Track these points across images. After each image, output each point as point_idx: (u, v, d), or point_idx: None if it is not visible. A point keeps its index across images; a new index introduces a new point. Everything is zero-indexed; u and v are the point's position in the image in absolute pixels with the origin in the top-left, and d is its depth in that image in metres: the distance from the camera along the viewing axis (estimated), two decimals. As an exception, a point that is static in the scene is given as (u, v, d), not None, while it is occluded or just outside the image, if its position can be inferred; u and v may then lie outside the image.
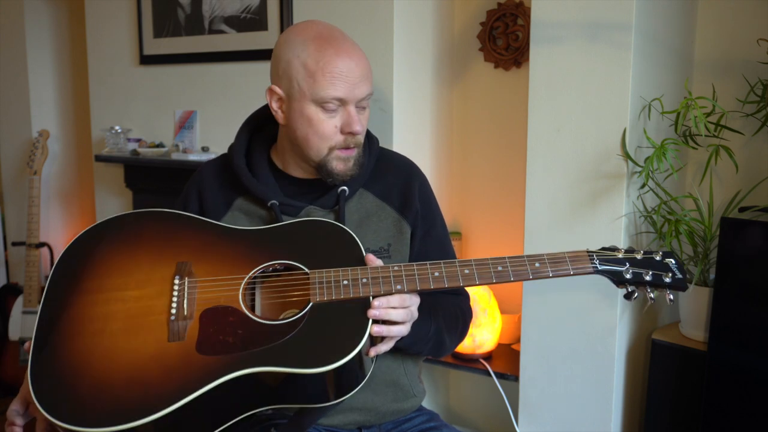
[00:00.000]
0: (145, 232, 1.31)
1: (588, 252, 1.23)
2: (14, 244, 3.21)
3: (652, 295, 1.20)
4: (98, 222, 1.33)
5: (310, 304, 1.18)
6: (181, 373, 1.10)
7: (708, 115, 1.82)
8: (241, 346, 1.13)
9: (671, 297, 1.20)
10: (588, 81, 1.76)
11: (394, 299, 1.19)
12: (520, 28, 2.23)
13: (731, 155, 1.80)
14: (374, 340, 1.21)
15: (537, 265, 1.21)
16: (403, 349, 1.34)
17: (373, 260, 1.25)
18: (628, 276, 1.20)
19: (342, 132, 1.34)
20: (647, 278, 1.19)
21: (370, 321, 1.16)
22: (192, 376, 1.09)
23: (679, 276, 1.20)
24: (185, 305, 1.19)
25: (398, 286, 1.20)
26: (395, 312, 1.19)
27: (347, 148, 1.35)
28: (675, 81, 1.95)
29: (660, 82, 1.87)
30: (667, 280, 1.19)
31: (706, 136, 1.80)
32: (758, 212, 1.79)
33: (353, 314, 1.17)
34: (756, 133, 1.92)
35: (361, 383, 1.18)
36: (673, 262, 1.21)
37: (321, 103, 1.31)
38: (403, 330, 1.21)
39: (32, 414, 1.19)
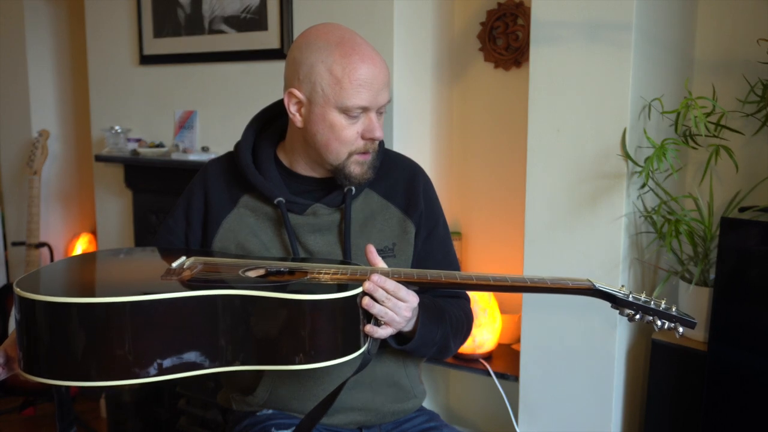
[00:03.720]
0: (156, 251, 1.43)
1: (589, 280, 1.22)
2: (14, 244, 3.21)
3: (658, 323, 1.18)
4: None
5: (307, 276, 1.20)
6: (159, 284, 1.14)
7: (708, 115, 1.82)
8: (228, 285, 1.15)
9: (681, 330, 1.18)
10: (588, 81, 1.76)
11: (391, 283, 1.20)
12: (520, 28, 2.23)
13: (731, 155, 1.80)
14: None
15: (536, 280, 1.21)
16: (409, 352, 1.34)
17: (374, 252, 1.26)
18: (630, 299, 1.18)
19: (363, 138, 1.34)
20: (652, 305, 1.17)
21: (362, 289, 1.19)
22: (168, 287, 1.11)
23: (685, 314, 1.18)
24: (186, 264, 1.25)
25: (396, 275, 1.22)
26: (383, 294, 1.19)
27: (365, 152, 1.36)
28: (675, 81, 1.95)
29: (660, 82, 1.87)
30: (674, 312, 1.18)
31: (706, 136, 1.80)
32: (758, 212, 1.79)
33: (347, 283, 1.19)
34: (756, 133, 1.92)
35: (349, 355, 1.16)
36: (676, 307, 1.20)
37: (345, 111, 1.31)
38: (387, 314, 1.21)
39: (12, 368, 1.20)
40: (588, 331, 1.84)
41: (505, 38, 2.25)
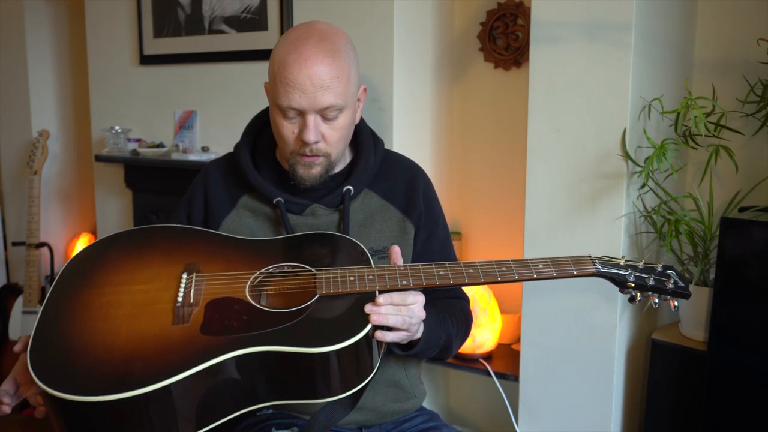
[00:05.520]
0: (156, 239, 1.36)
1: (590, 257, 1.23)
2: (14, 244, 3.21)
3: (656, 300, 1.21)
4: (108, 235, 1.38)
5: (317, 296, 1.19)
6: (182, 351, 1.10)
7: (708, 115, 1.82)
8: (245, 328, 1.14)
9: (676, 304, 1.22)
10: (588, 81, 1.76)
11: (395, 296, 1.19)
12: (520, 28, 2.23)
13: (731, 155, 1.80)
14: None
15: (540, 266, 1.22)
16: (414, 354, 1.34)
17: (398, 254, 1.26)
18: (631, 279, 1.21)
19: (298, 139, 1.33)
20: (650, 283, 1.21)
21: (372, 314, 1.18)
22: (193, 354, 1.09)
23: (682, 284, 1.21)
24: (192, 294, 1.21)
25: (404, 282, 1.20)
26: (393, 310, 1.18)
27: (307, 155, 1.34)
28: (675, 81, 1.95)
29: (660, 82, 1.87)
30: (670, 286, 1.21)
31: (706, 136, 1.80)
32: (758, 212, 1.79)
33: (359, 304, 1.18)
34: (756, 133, 1.92)
35: (368, 377, 1.17)
36: (674, 272, 1.23)
37: (280, 109, 1.31)
38: (399, 321, 1.20)
39: (22, 395, 1.18)
40: (588, 331, 1.84)
41: (505, 38, 2.25)
